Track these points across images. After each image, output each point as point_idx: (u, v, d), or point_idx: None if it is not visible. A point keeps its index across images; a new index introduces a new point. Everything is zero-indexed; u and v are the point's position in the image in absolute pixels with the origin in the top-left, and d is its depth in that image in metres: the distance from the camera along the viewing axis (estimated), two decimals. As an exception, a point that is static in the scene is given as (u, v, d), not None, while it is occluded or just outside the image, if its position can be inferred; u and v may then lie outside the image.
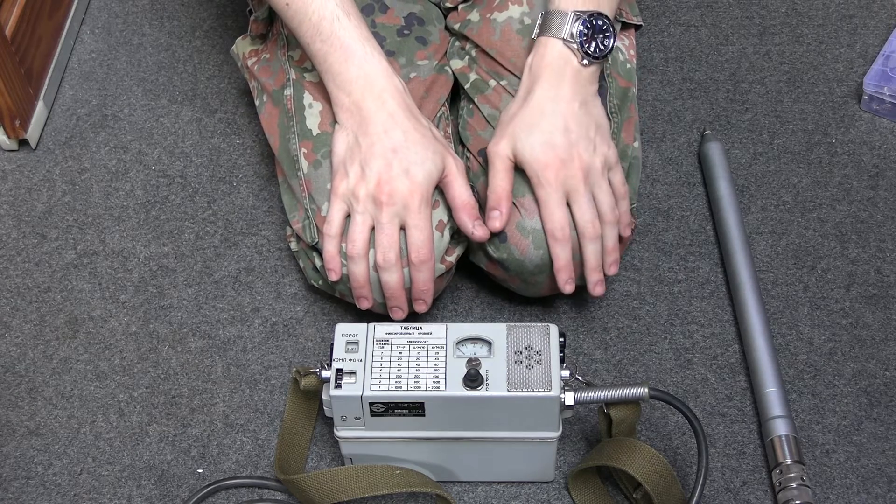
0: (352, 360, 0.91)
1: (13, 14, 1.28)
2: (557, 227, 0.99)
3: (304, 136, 1.07)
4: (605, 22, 1.00)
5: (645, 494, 0.94)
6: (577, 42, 0.99)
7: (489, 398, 0.89)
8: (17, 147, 1.30)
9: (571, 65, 1.00)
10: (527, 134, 0.99)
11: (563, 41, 1.00)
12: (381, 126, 0.99)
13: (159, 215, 1.23)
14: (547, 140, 0.99)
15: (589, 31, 0.99)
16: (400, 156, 0.98)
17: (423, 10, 1.14)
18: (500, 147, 1.00)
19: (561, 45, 1.00)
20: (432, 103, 1.10)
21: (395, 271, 1.00)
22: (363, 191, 0.99)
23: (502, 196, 1.01)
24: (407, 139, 0.99)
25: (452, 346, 0.92)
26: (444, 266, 1.05)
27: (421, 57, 1.11)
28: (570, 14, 1.00)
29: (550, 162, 0.98)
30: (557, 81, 1.00)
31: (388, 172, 0.98)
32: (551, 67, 1.00)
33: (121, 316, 1.15)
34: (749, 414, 1.05)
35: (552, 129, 0.99)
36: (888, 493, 1.00)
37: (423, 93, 1.09)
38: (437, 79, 1.11)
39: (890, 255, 1.17)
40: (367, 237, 1.00)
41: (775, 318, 1.12)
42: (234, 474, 1.03)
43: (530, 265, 1.03)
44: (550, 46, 1.00)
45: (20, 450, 1.05)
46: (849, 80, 1.34)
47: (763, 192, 1.23)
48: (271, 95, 1.12)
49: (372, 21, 1.10)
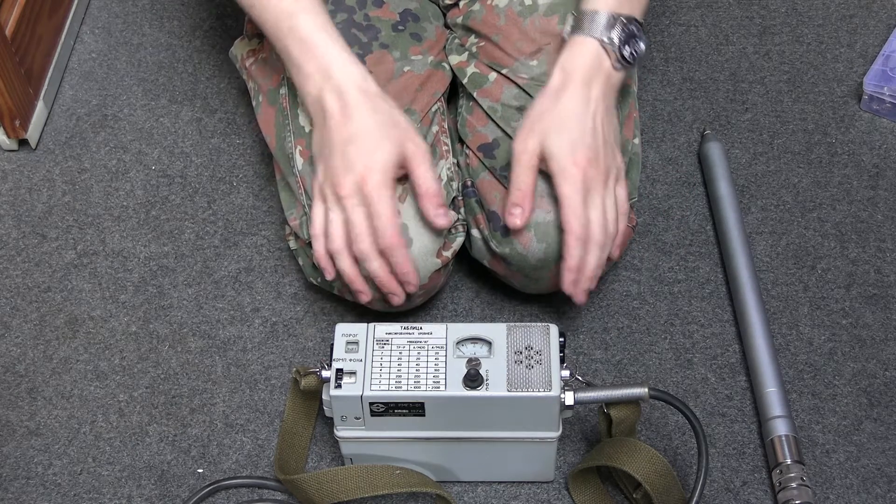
0: (352, 360, 0.91)
1: (13, 14, 1.28)
2: (582, 225, 0.98)
3: (298, 134, 1.07)
4: (639, 27, 1.00)
5: (645, 494, 0.94)
6: (614, 45, 0.99)
7: (489, 398, 0.89)
8: (17, 147, 1.30)
9: (604, 67, 0.99)
10: (557, 132, 0.98)
11: (599, 42, 0.99)
12: (338, 118, 0.98)
13: (159, 215, 1.23)
14: (578, 139, 0.98)
15: (625, 35, 0.99)
16: (355, 146, 0.97)
17: (418, 8, 1.14)
18: (528, 144, 0.99)
19: (597, 46, 0.99)
20: (427, 96, 1.09)
21: (375, 259, 0.99)
22: (328, 187, 0.99)
23: (527, 193, 1.00)
24: (361, 128, 0.98)
25: (452, 346, 0.91)
26: (441, 261, 1.04)
27: (415, 52, 1.11)
28: (606, 15, 0.99)
29: (579, 160, 0.97)
30: (590, 82, 0.99)
31: (344, 165, 0.97)
32: (585, 68, 0.99)
33: (121, 316, 1.15)
34: (749, 414, 1.05)
35: (583, 130, 0.98)
36: (888, 493, 1.00)
37: (417, 86, 1.09)
38: (433, 74, 1.11)
39: (890, 255, 1.17)
40: (342, 232, 0.99)
41: (775, 318, 1.12)
42: (234, 474, 1.03)
43: (533, 259, 1.03)
44: (587, 46, 1.00)
45: (20, 450, 1.05)
46: (849, 80, 1.34)
47: (763, 192, 1.23)
48: (267, 95, 1.12)
49: (365, 14, 1.10)
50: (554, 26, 1.08)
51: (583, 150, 0.97)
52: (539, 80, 1.07)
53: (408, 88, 1.08)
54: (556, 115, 0.99)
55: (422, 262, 1.03)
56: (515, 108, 1.07)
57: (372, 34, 1.10)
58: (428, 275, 1.04)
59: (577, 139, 0.98)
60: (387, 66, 1.09)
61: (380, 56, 1.09)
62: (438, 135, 1.10)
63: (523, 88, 1.07)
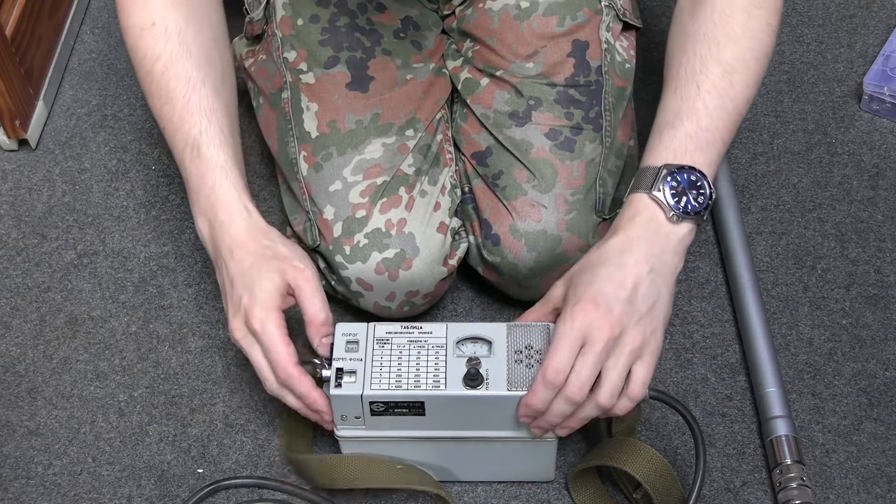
0: (352, 359, 0.91)
1: (13, 14, 1.28)
2: (555, 370, 0.85)
3: (303, 140, 1.07)
4: (699, 177, 0.90)
5: (645, 494, 0.94)
6: (668, 197, 0.89)
7: (489, 397, 0.89)
8: (17, 147, 1.30)
9: (657, 219, 0.89)
10: (580, 273, 0.90)
11: (647, 194, 0.90)
12: (224, 259, 0.94)
13: (159, 215, 1.23)
14: (593, 282, 0.87)
15: (679, 184, 0.89)
16: (236, 286, 0.92)
17: (419, 15, 1.14)
18: (555, 291, 0.92)
19: (646, 199, 0.89)
20: (431, 104, 1.10)
21: (287, 394, 0.93)
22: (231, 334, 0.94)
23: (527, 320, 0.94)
24: (242, 266, 0.92)
25: (452, 346, 0.91)
26: (447, 269, 1.05)
27: (416, 60, 1.11)
28: (660, 168, 0.90)
29: (586, 302, 0.86)
30: (634, 235, 0.89)
31: (232, 307, 0.93)
32: (633, 221, 0.90)
33: (121, 316, 1.15)
34: (749, 414, 1.05)
35: (607, 277, 0.87)
36: (888, 493, 1.00)
37: (420, 94, 1.09)
38: (436, 81, 1.11)
39: (890, 255, 1.17)
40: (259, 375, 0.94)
41: (775, 318, 1.12)
42: (234, 474, 1.03)
43: (524, 268, 1.03)
44: (636, 201, 0.90)
45: (20, 450, 1.05)
46: (849, 80, 1.34)
47: (763, 192, 1.23)
48: (268, 98, 1.12)
49: (368, 18, 1.10)
50: (553, 28, 1.09)
51: (595, 295, 0.86)
52: (534, 80, 1.07)
53: (411, 97, 1.08)
54: (593, 258, 0.90)
55: (428, 271, 1.03)
56: (507, 113, 1.07)
57: (375, 39, 1.10)
58: (434, 283, 1.04)
59: (594, 282, 0.87)
60: (390, 73, 1.09)
61: (382, 62, 1.09)
62: (442, 143, 1.10)
63: (516, 87, 1.07)
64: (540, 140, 1.05)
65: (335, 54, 1.09)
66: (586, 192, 1.04)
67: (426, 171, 1.07)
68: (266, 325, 0.90)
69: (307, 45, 1.09)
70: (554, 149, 1.05)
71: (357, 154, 1.05)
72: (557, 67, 1.08)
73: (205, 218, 0.95)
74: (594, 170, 1.05)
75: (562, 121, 1.06)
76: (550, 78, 1.08)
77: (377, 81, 1.08)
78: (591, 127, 1.06)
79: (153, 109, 0.98)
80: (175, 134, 0.95)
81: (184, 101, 0.95)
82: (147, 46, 0.96)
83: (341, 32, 1.09)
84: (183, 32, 0.96)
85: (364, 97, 1.07)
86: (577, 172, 1.04)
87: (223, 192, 0.94)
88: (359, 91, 1.08)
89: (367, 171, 1.05)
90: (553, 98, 1.07)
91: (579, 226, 1.03)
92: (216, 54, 0.99)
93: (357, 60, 1.09)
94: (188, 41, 0.96)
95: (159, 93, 0.96)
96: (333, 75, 1.08)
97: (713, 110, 0.92)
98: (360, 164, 1.05)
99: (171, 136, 0.96)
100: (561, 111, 1.06)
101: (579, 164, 1.05)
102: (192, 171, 0.95)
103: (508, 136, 1.06)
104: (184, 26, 0.96)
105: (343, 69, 1.08)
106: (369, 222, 1.03)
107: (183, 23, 0.96)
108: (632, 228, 0.89)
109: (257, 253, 0.93)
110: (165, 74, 0.95)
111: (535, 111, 1.06)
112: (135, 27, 0.97)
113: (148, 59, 0.96)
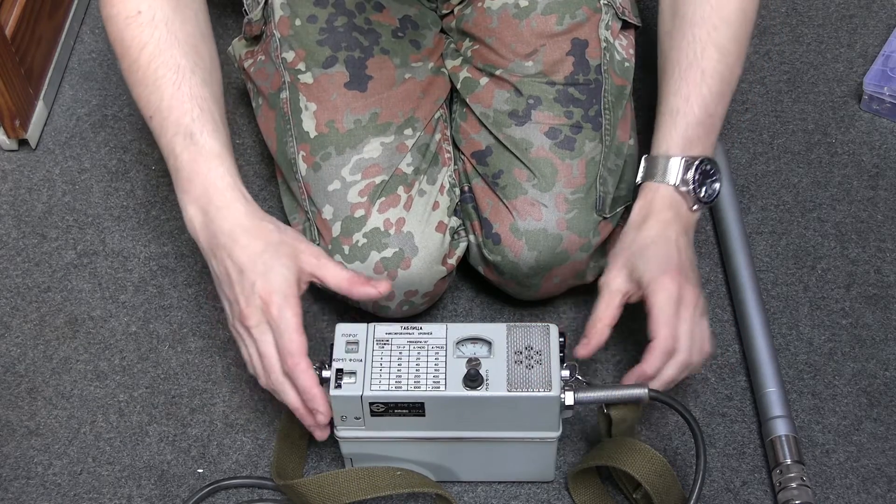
0: (352, 360, 0.91)
1: (13, 14, 1.28)
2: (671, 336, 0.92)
3: (301, 140, 1.07)
4: (713, 166, 0.97)
5: (645, 494, 0.94)
6: (690, 188, 0.96)
7: (489, 398, 0.89)
8: (17, 147, 1.30)
9: (681, 211, 0.97)
10: (640, 253, 0.95)
11: (674, 188, 0.97)
12: (225, 248, 0.92)
13: (159, 215, 1.23)
14: (664, 257, 0.94)
15: (700, 176, 0.96)
16: (247, 272, 0.91)
17: (418, 14, 1.14)
18: (616, 282, 0.95)
19: (672, 192, 0.97)
20: (429, 103, 1.10)
21: (289, 390, 0.92)
22: (237, 323, 0.92)
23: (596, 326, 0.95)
24: (250, 251, 0.91)
25: (452, 346, 0.91)
26: (446, 269, 1.05)
27: (415, 60, 1.11)
28: (680, 160, 0.96)
29: (668, 270, 0.93)
30: (666, 221, 0.96)
31: (242, 295, 0.91)
32: (662, 213, 0.97)
33: (121, 316, 1.15)
34: (749, 414, 1.05)
35: (668, 251, 0.95)
36: (888, 493, 1.00)
37: (419, 93, 1.09)
38: (434, 80, 1.11)
39: (890, 255, 1.17)
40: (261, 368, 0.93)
41: (775, 318, 1.12)
42: (234, 474, 1.03)
43: (524, 267, 1.03)
44: (661, 192, 0.97)
45: (20, 450, 1.05)
46: (849, 80, 1.34)
47: (763, 192, 1.23)
48: (267, 98, 1.12)
49: (366, 18, 1.10)
50: (552, 26, 1.08)
51: (669, 263, 0.94)
52: (533, 78, 1.07)
53: (410, 95, 1.08)
54: (640, 242, 0.96)
55: (427, 270, 1.03)
56: (507, 112, 1.07)
57: (373, 38, 1.10)
58: (434, 283, 1.04)
59: (664, 257, 0.94)
60: (388, 72, 1.09)
61: (381, 61, 1.09)
62: (441, 142, 1.10)
63: (515, 86, 1.07)
64: (540, 139, 1.05)
65: (333, 54, 1.09)
66: (586, 190, 1.04)
67: (425, 170, 1.07)
68: (284, 312, 0.89)
69: (305, 45, 1.09)
70: (554, 147, 1.05)
71: (355, 153, 1.05)
72: (557, 66, 1.08)
73: (197, 206, 0.93)
74: (594, 168, 1.05)
75: (561, 119, 1.06)
76: (550, 77, 1.08)
77: (376, 81, 1.08)
78: (591, 125, 1.06)
79: (138, 99, 0.96)
80: (164, 122, 0.94)
81: (174, 89, 0.93)
82: (132, 35, 0.95)
83: (339, 32, 1.09)
84: (171, 21, 0.95)
85: (362, 97, 1.07)
86: (577, 171, 1.04)
87: (219, 178, 0.93)
88: (357, 90, 1.08)
89: (365, 171, 1.05)
90: (552, 97, 1.07)
91: (580, 224, 1.03)
92: (204, 48, 0.98)
93: (355, 60, 1.09)
94: (176, 30, 0.95)
95: (145, 81, 0.94)
96: (332, 75, 1.08)
97: (716, 96, 0.98)
98: (358, 163, 1.05)
99: (160, 124, 0.94)
100: (560, 110, 1.06)
101: (579, 162, 1.05)
102: (185, 158, 0.93)
103: (508, 135, 1.06)
104: (171, 15, 0.95)
105: (341, 69, 1.08)
106: (368, 222, 1.03)
107: (171, 12, 0.95)
108: (662, 213, 0.96)
109: (266, 238, 0.92)
110: (153, 63, 0.94)
111: (534, 110, 1.06)
112: (119, 16, 0.96)
113: (134, 48, 0.95)
